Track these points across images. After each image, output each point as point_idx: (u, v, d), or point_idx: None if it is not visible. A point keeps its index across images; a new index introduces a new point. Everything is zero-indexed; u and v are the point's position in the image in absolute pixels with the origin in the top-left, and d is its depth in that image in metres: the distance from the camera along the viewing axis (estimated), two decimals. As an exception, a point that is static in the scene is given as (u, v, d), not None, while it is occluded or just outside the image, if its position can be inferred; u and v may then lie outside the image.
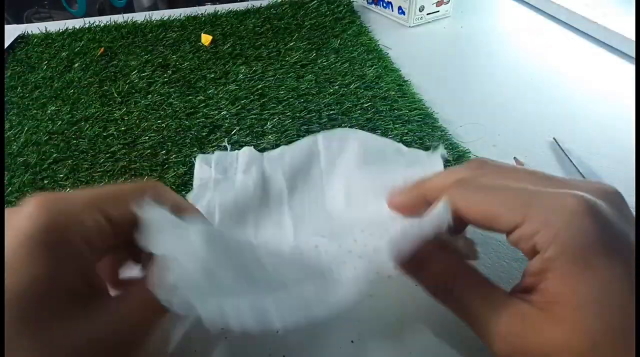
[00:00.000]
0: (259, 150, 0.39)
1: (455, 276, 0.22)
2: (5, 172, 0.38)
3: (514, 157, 0.38)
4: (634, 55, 0.52)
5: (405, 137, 0.40)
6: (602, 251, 0.19)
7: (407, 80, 0.49)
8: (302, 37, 0.57)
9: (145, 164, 0.39)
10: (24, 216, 0.19)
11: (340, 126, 0.41)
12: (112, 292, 0.23)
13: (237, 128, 0.42)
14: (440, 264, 0.23)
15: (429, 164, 0.31)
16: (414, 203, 0.25)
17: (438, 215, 0.22)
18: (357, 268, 0.23)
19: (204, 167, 0.35)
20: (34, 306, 0.18)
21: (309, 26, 0.59)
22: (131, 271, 0.25)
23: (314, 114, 0.43)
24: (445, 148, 0.38)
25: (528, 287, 0.20)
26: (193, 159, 0.39)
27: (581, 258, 0.19)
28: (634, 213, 0.22)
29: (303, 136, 0.40)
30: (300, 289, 0.22)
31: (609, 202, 0.20)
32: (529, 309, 0.19)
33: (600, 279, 0.18)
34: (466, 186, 0.22)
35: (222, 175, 0.34)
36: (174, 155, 0.39)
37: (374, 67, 0.50)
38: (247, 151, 0.36)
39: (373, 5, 0.66)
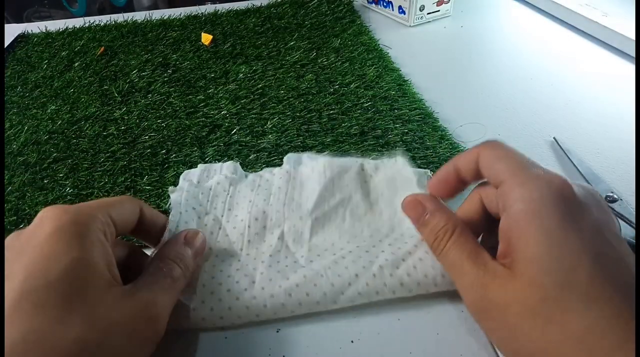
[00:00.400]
0: (259, 149, 0.39)
1: (450, 233, 0.25)
2: (5, 172, 0.38)
3: (514, 157, 0.38)
4: (634, 55, 0.52)
5: (405, 137, 0.40)
6: (564, 218, 0.20)
7: (407, 80, 0.49)
8: (302, 36, 0.57)
9: (145, 163, 0.39)
10: (46, 218, 0.21)
11: (340, 126, 0.41)
12: None
13: (237, 128, 0.42)
14: (442, 219, 0.25)
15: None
16: (446, 176, 0.27)
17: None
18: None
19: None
20: (77, 285, 0.20)
21: (309, 25, 0.59)
22: None
23: (314, 113, 0.43)
24: (445, 148, 0.39)
25: (502, 254, 0.23)
26: (193, 158, 0.39)
27: (542, 219, 0.21)
28: (634, 213, 0.22)
29: (303, 136, 0.41)
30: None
31: (589, 194, 0.22)
32: (499, 267, 0.22)
33: (556, 241, 0.20)
34: (490, 144, 0.25)
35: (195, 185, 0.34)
36: (174, 155, 0.39)
37: (374, 66, 0.50)
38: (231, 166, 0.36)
39: (373, 5, 0.66)
